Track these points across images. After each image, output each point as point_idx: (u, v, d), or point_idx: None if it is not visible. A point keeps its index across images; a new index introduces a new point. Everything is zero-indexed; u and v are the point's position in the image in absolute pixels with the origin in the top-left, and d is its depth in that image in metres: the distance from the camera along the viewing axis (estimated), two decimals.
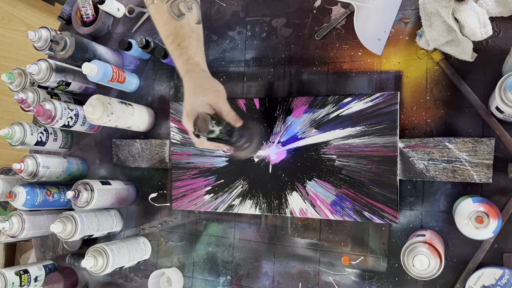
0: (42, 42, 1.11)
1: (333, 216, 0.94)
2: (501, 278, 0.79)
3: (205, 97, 0.76)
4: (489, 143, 0.82)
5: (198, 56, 0.78)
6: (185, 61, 0.77)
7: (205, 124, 0.73)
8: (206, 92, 0.77)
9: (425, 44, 0.89)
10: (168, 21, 0.76)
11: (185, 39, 0.77)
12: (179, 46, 0.77)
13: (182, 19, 0.76)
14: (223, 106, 0.78)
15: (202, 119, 0.74)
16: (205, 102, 0.76)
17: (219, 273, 1.06)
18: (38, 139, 1.11)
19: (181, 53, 0.77)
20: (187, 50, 0.77)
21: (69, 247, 1.19)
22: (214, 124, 0.73)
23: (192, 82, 0.78)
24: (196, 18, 0.78)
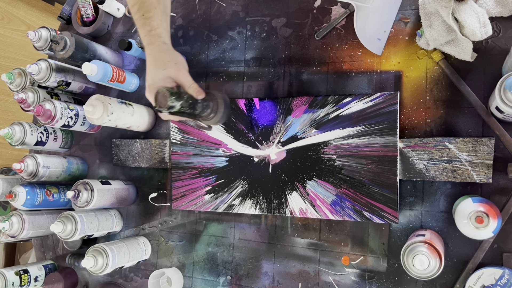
0: (42, 42, 1.11)
1: (333, 216, 0.94)
2: (501, 278, 0.79)
3: (165, 70, 0.76)
4: (489, 143, 0.82)
5: (161, 28, 0.77)
6: (147, 32, 0.76)
7: (165, 100, 0.73)
8: (166, 65, 0.76)
9: (425, 44, 0.89)
10: None
11: (150, 9, 0.76)
12: (143, 16, 0.76)
13: None
14: (184, 78, 0.77)
15: (162, 95, 0.73)
16: (166, 76, 0.76)
17: (219, 273, 1.06)
18: (38, 139, 1.11)
19: (144, 23, 0.76)
20: (150, 21, 0.76)
21: (69, 247, 1.19)
22: (174, 100, 0.73)
23: (152, 55, 0.77)
24: None
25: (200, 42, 1.11)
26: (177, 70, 0.77)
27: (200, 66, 1.10)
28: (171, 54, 0.78)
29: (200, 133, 1.05)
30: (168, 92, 0.73)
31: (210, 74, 1.09)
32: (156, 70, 0.76)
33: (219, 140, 1.04)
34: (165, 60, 0.77)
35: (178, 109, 0.74)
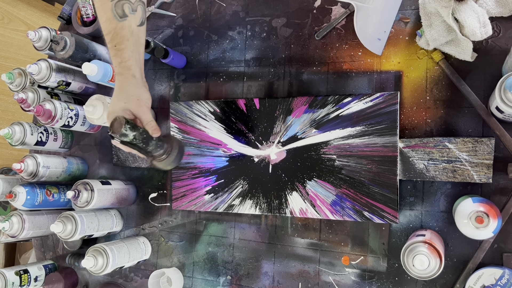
0: (42, 42, 1.11)
1: (333, 216, 0.94)
2: (501, 278, 0.79)
3: (127, 104, 0.78)
4: (489, 143, 0.82)
5: (131, 60, 0.78)
6: (118, 63, 0.78)
7: (119, 127, 0.74)
8: (129, 99, 0.78)
9: (425, 44, 0.89)
10: (110, 19, 0.76)
11: (123, 41, 0.76)
12: (115, 47, 0.77)
13: (124, 21, 0.76)
14: (143, 115, 0.79)
15: (118, 122, 0.75)
16: (126, 108, 0.78)
17: (219, 273, 1.06)
18: (38, 139, 1.11)
19: (116, 54, 0.77)
20: (122, 53, 0.77)
21: (69, 247, 1.19)
22: (128, 129, 0.75)
23: (119, 86, 0.79)
24: (139, 20, 0.78)
25: (200, 42, 1.11)
26: (138, 106, 0.79)
27: (200, 66, 1.10)
28: (137, 90, 0.79)
29: (200, 133, 1.05)
30: (125, 120, 0.75)
31: (210, 74, 1.09)
32: (118, 101, 0.78)
33: (219, 140, 1.04)
34: (129, 94, 0.78)
35: (130, 139, 0.76)
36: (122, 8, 0.75)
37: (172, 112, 1.09)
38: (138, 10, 0.77)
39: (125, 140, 0.76)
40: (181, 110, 1.07)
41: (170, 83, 1.13)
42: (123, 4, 0.75)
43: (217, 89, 1.08)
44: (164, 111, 1.13)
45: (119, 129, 0.74)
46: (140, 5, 0.78)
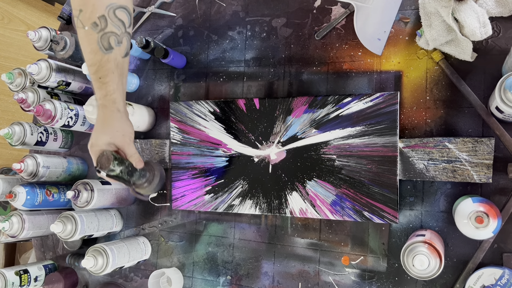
0: (42, 42, 1.11)
1: (333, 216, 0.94)
2: (501, 278, 0.79)
3: (112, 139, 0.78)
4: (489, 143, 0.82)
5: (116, 93, 0.77)
6: (103, 96, 0.77)
7: (107, 163, 0.76)
8: (114, 134, 0.78)
9: (425, 44, 0.89)
10: (95, 51, 0.74)
11: (108, 74, 0.75)
12: (100, 80, 0.76)
13: (110, 53, 0.74)
14: (127, 149, 0.80)
15: (106, 158, 0.76)
16: (110, 142, 0.78)
17: (219, 273, 1.06)
18: (38, 139, 1.11)
19: (100, 87, 0.76)
20: (107, 86, 0.76)
21: (69, 247, 1.19)
22: (116, 165, 0.77)
23: (103, 119, 0.78)
24: (124, 52, 0.77)
25: (200, 42, 1.11)
26: (122, 141, 0.79)
27: (200, 66, 1.10)
28: (122, 124, 0.80)
29: (200, 133, 1.05)
30: (113, 157, 0.76)
31: (210, 74, 1.09)
32: (103, 134, 0.78)
33: (219, 140, 1.04)
34: (113, 129, 0.78)
35: (116, 174, 0.78)
36: (108, 40, 0.74)
37: (172, 112, 1.09)
38: (123, 42, 0.76)
39: (112, 175, 0.78)
40: (181, 110, 1.07)
41: (170, 83, 1.13)
42: (109, 36, 0.74)
43: (217, 89, 1.08)
44: (164, 111, 1.13)
45: (107, 165, 0.76)
46: (126, 37, 0.76)
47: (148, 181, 0.84)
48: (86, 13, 0.73)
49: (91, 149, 0.80)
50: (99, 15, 0.72)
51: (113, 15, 0.73)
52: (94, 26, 0.73)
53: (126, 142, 0.80)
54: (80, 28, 0.74)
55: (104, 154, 0.77)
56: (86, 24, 0.73)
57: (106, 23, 0.73)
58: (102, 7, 0.72)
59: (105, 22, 0.73)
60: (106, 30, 0.73)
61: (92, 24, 0.73)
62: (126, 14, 0.75)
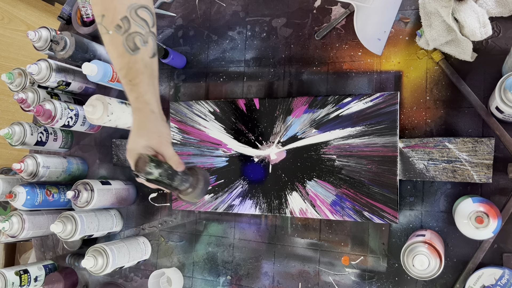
0: (42, 42, 1.11)
1: (333, 216, 0.94)
2: (501, 278, 0.79)
3: (148, 141, 0.76)
4: (489, 143, 0.82)
5: (148, 94, 0.76)
6: (135, 98, 0.75)
7: (144, 166, 0.73)
8: (150, 136, 0.76)
9: (425, 44, 0.89)
10: (122, 54, 0.73)
11: (138, 75, 0.74)
12: (131, 82, 0.74)
13: (137, 54, 0.73)
14: (165, 150, 0.78)
15: (143, 160, 0.74)
16: (147, 145, 0.76)
17: (219, 273, 1.06)
18: (38, 139, 1.11)
19: (132, 90, 0.75)
20: (138, 88, 0.75)
21: (69, 247, 1.19)
22: (153, 167, 0.74)
23: (138, 122, 0.77)
24: (151, 52, 0.76)
25: (200, 42, 1.11)
26: (160, 143, 0.77)
27: (200, 66, 1.10)
28: (157, 126, 0.78)
29: (200, 133, 1.05)
30: (149, 158, 0.74)
31: (210, 74, 1.09)
32: (139, 138, 0.76)
33: (219, 140, 1.04)
34: (149, 131, 0.77)
35: (155, 177, 0.75)
36: (134, 41, 0.72)
37: (172, 112, 1.09)
38: (149, 42, 0.74)
39: (150, 178, 0.75)
40: (181, 110, 1.07)
41: (170, 83, 1.13)
42: (134, 37, 0.72)
43: (217, 89, 1.08)
44: (164, 111, 1.12)
45: (144, 167, 0.73)
46: (151, 36, 0.75)
47: (191, 186, 0.80)
48: (109, 17, 0.72)
49: (129, 154, 0.77)
50: (122, 16, 0.71)
51: (135, 15, 0.72)
52: (118, 29, 0.72)
53: (163, 144, 0.78)
54: (105, 34, 0.73)
55: (141, 157, 0.75)
56: (109, 28, 0.72)
57: (129, 23, 0.72)
58: (123, 9, 0.71)
59: (128, 23, 0.72)
60: (130, 30, 0.72)
61: (116, 27, 0.71)
62: (148, 13, 0.74)
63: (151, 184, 0.78)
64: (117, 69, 0.75)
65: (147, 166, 0.73)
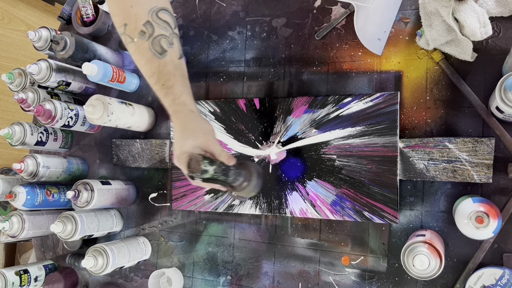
0: (42, 42, 1.11)
1: (333, 216, 0.94)
2: (501, 278, 0.79)
3: (195, 141, 0.75)
4: (489, 143, 0.82)
5: (184, 94, 0.75)
6: (172, 101, 0.74)
7: (198, 165, 0.72)
8: (196, 136, 0.75)
9: (425, 44, 0.89)
10: (150, 59, 0.72)
11: (170, 77, 0.73)
12: (164, 86, 0.73)
13: (165, 57, 0.72)
14: (214, 147, 0.76)
15: (195, 161, 0.73)
16: (195, 146, 0.74)
17: (219, 273, 1.06)
18: (38, 139, 1.11)
19: (167, 93, 0.74)
20: (173, 90, 0.73)
21: (69, 247, 1.19)
22: (207, 164, 0.72)
23: (180, 125, 0.75)
24: (178, 53, 0.75)
25: (200, 42, 1.11)
26: (206, 140, 0.75)
27: (200, 66, 1.10)
28: (200, 123, 0.76)
29: None
30: (201, 157, 0.72)
31: (210, 74, 1.09)
32: (184, 140, 0.75)
33: (219, 140, 1.04)
34: (194, 130, 0.75)
35: (211, 175, 0.73)
36: (160, 44, 0.71)
37: None
38: (174, 43, 0.73)
39: (207, 177, 0.73)
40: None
41: None
42: (159, 40, 0.71)
43: (217, 89, 1.08)
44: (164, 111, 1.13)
45: (198, 167, 0.71)
46: (175, 38, 0.74)
47: (246, 179, 0.79)
48: (131, 25, 0.71)
49: (178, 159, 0.76)
50: (144, 22, 0.70)
51: (157, 18, 0.71)
52: (142, 35, 0.71)
53: (210, 141, 0.76)
54: (130, 43, 0.72)
55: (192, 158, 0.73)
56: (134, 36, 0.71)
57: (153, 27, 0.71)
58: (144, 14, 0.70)
59: (152, 27, 0.71)
60: (154, 34, 0.71)
61: (140, 33, 0.71)
62: (169, 15, 0.73)
63: (207, 184, 0.76)
64: (147, 76, 0.74)
65: (202, 165, 0.71)
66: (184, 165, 0.74)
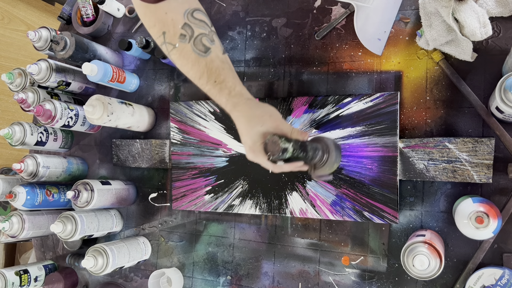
0: (42, 42, 1.11)
1: (333, 216, 0.94)
2: (501, 278, 0.79)
3: (263, 126, 0.72)
4: (489, 143, 0.82)
5: (238, 85, 0.73)
6: (228, 95, 0.72)
7: (277, 145, 0.69)
8: (262, 120, 0.73)
9: (425, 44, 0.89)
10: (196, 60, 0.71)
11: (220, 72, 0.71)
12: (216, 82, 0.71)
13: (210, 54, 0.71)
14: (283, 127, 0.74)
15: (271, 142, 0.70)
16: (265, 131, 0.72)
17: (219, 273, 1.06)
18: (38, 139, 1.11)
19: (221, 89, 0.72)
20: (226, 83, 0.72)
21: (69, 247, 1.19)
22: (285, 141, 0.70)
23: (244, 116, 0.73)
24: (221, 49, 0.73)
25: None
26: (274, 121, 0.74)
27: None
28: (262, 108, 0.75)
29: (200, 133, 1.05)
30: (277, 137, 0.70)
31: None
32: (253, 129, 0.73)
33: (219, 140, 1.04)
34: (259, 116, 0.73)
35: (292, 152, 0.70)
36: (202, 42, 0.70)
37: (172, 112, 1.09)
38: (215, 40, 0.73)
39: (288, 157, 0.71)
40: (181, 110, 1.07)
41: (170, 83, 1.13)
42: (200, 38, 0.70)
43: None
44: (164, 111, 1.13)
45: (277, 147, 0.69)
46: (214, 35, 0.73)
47: (325, 152, 0.76)
48: (170, 31, 0.70)
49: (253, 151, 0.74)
50: (182, 24, 0.70)
51: (193, 18, 0.71)
52: (183, 38, 0.70)
53: (279, 120, 0.74)
54: (172, 50, 0.71)
55: (267, 141, 0.70)
56: (174, 41, 0.70)
57: (191, 28, 0.70)
58: (180, 17, 0.70)
59: (190, 28, 0.70)
60: (194, 35, 0.70)
61: (180, 37, 0.70)
62: (203, 14, 0.73)
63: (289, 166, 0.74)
64: (197, 78, 0.72)
65: (280, 143, 0.69)
66: (261, 152, 0.72)
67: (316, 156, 0.75)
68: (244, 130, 0.74)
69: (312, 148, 0.74)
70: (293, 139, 0.71)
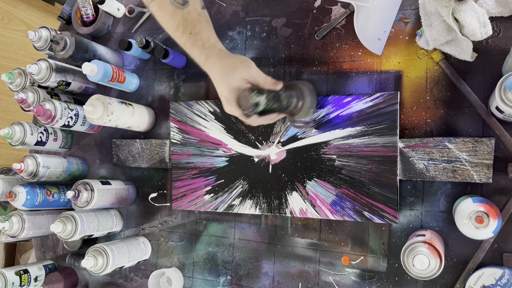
0: (42, 42, 1.11)
1: (333, 216, 0.94)
2: (501, 278, 0.79)
3: (236, 73, 0.72)
4: (489, 143, 0.82)
5: (212, 38, 0.74)
6: (202, 47, 0.73)
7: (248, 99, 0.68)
8: (235, 68, 0.73)
9: (425, 44, 0.89)
10: (173, 13, 0.72)
11: (196, 24, 0.72)
12: (191, 34, 0.72)
13: (187, 6, 0.72)
14: (256, 75, 0.74)
15: (243, 96, 0.69)
16: (239, 78, 0.72)
17: (219, 273, 1.06)
18: (38, 139, 1.11)
19: (195, 40, 0.73)
20: (200, 35, 0.73)
21: (69, 247, 1.19)
22: (256, 95, 0.68)
23: (217, 66, 0.73)
24: (200, 3, 0.74)
25: None
26: (247, 68, 0.74)
27: None
28: (234, 57, 0.75)
29: (200, 133, 1.05)
30: (247, 91, 0.69)
31: None
32: (226, 78, 0.73)
33: (219, 140, 1.04)
34: (231, 64, 0.73)
35: (264, 105, 0.69)
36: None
37: (172, 112, 1.09)
38: None
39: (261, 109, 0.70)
40: (181, 110, 1.07)
41: (170, 83, 1.13)
42: None
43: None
44: (164, 111, 1.13)
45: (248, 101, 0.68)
46: None
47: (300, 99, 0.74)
48: None
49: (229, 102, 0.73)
50: None
51: None
52: None
53: (251, 68, 0.74)
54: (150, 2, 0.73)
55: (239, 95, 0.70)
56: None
57: None
58: None
59: None
60: None
61: None
62: None
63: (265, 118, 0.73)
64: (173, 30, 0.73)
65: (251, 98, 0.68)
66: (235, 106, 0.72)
67: (291, 104, 0.74)
68: (218, 80, 0.74)
69: (286, 97, 0.73)
70: (266, 90, 0.71)
